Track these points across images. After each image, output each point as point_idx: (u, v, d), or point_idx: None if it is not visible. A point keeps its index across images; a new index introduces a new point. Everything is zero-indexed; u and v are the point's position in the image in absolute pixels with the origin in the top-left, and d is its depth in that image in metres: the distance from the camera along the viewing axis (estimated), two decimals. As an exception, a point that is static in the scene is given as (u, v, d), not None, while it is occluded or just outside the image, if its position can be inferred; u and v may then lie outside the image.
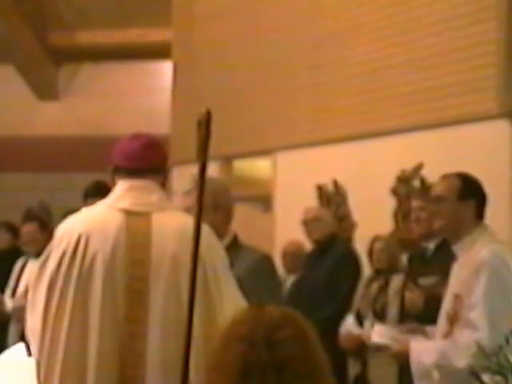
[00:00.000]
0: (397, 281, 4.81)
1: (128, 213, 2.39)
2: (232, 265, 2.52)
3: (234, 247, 2.98)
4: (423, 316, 3.79)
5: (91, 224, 2.38)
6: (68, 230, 2.40)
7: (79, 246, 2.33)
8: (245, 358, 1.43)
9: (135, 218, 2.38)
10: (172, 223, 2.38)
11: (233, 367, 1.44)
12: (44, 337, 2.32)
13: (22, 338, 2.52)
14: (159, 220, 2.39)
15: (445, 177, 3.10)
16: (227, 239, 2.99)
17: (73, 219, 2.44)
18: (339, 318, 4.98)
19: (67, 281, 2.32)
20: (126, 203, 2.41)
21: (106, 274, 2.31)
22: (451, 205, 2.96)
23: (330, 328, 4.67)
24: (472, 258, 2.91)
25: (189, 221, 2.10)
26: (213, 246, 2.42)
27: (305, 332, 1.50)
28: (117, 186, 2.47)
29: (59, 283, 2.32)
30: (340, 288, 5.14)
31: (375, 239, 5.22)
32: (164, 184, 2.52)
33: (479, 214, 3.01)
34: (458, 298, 2.91)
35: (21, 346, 2.51)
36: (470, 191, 2.99)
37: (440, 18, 5.69)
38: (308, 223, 5.44)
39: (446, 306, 2.99)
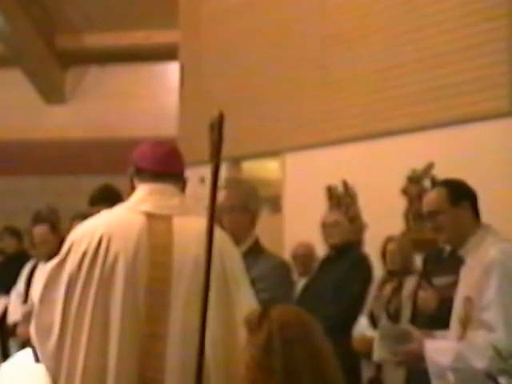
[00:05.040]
0: (410, 282, 4.75)
1: (150, 215, 2.39)
2: (250, 268, 2.52)
3: (255, 250, 3.01)
4: (436, 316, 3.75)
5: (113, 225, 2.37)
6: (88, 231, 2.39)
7: (101, 246, 2.33)
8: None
9: (157, 221, 2.38)
10: (193, 226, 2.38)
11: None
12: (64, 337, 2.31)
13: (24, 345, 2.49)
14: (180, 223, 2.39)
15: (430, 191, 3.10)
16: (249, 242, 3.03)
17: (93, 221, 2.44)
18: (343, 319, 4.89)
19: (88, 281, 2.31)
20: (147, 206, 2.42)
21: (128, 275, 2.30)
22: (448, 214, 2.95)
23: (330, 328, 4.56)
24: (480, 259, 2.88)
25: None
26: (230, 250, 2.44)
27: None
28: (138, 189, 2.48)
29: (80, 284, 2.31)
30: (349, 291, 5.07)
31: (388, 240, 5.15)
32: (183, 191, 2.54)
33: (476, 213, 3.00)
34: (468, 300, 2.88)
35: (27, 351, 2.48)
36: (460, 194, 2.98)
37: (450, 15, 5.64)
38: (327, 227, 5.40)
39: (457, 309, 2.96)
